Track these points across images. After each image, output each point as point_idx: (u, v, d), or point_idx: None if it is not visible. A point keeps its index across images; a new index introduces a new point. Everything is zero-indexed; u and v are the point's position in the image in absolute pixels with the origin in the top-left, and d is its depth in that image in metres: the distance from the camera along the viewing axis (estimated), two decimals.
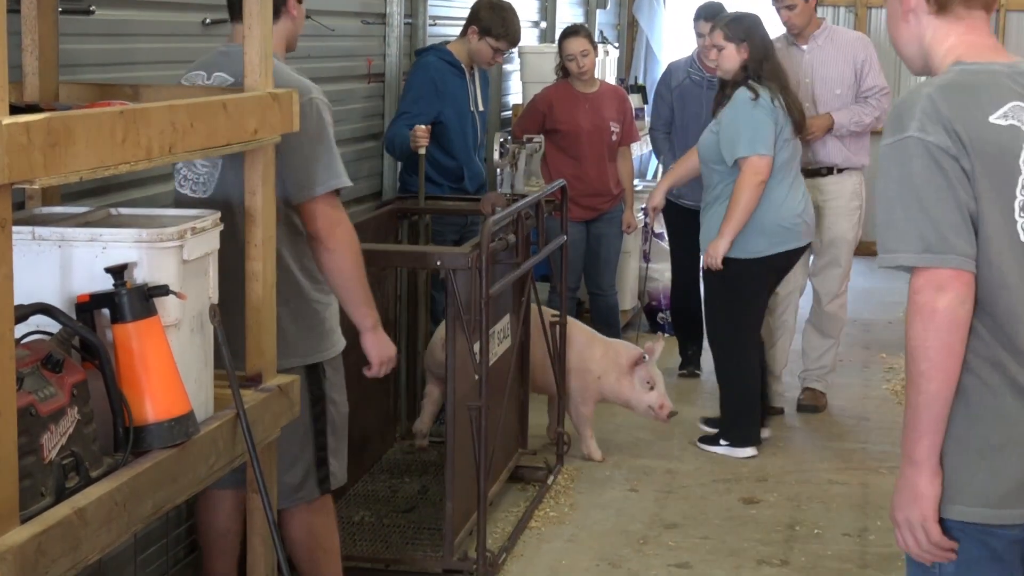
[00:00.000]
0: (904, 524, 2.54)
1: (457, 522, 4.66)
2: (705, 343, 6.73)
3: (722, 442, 6.12)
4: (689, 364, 7.42)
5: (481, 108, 6.27)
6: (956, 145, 2.47)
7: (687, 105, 7.10)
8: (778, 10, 6.64)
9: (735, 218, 5.82)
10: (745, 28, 5.94)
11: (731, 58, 5.90)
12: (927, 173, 2.47)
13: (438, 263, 4.61)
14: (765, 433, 6.22)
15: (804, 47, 6.63)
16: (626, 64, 10.89)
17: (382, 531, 4.95)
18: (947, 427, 2.51)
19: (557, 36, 7.41)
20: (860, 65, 6.59)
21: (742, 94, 5.87)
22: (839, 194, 6.63)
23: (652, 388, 5.86)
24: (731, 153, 5.82)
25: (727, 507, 5.48)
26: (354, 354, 3.91)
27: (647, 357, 5.85)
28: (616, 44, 9.68)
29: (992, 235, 2.49)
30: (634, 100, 8.03)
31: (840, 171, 6.63)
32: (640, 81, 10.21)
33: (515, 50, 8.00)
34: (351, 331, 3.86)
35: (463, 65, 6.11)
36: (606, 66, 8.36)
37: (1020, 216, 2.51)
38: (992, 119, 2.51)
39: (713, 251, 5.89)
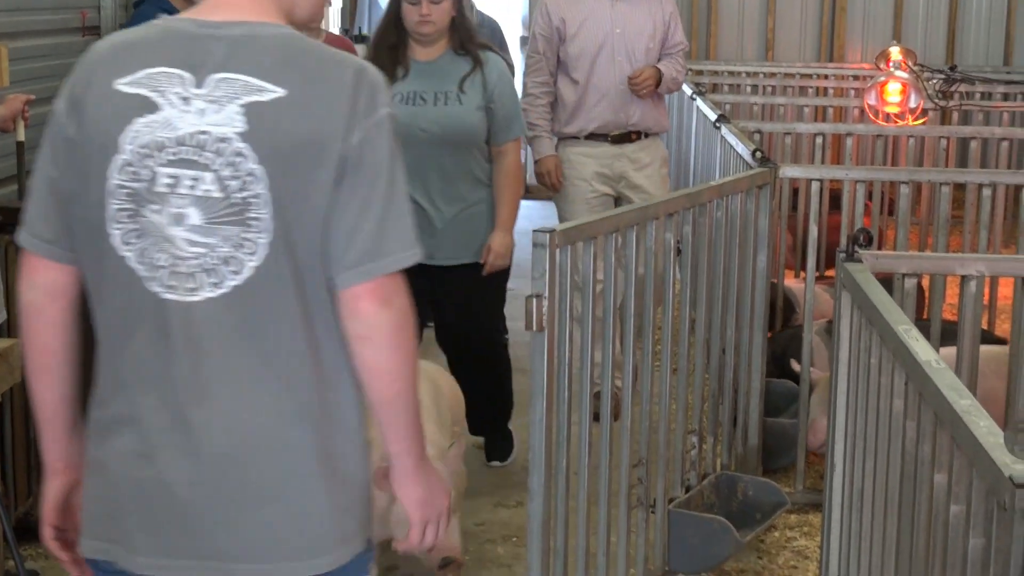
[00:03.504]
0: None
1: None
2: None
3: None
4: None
5: None
6: (69, 110, 2.20)
7: None
8: None
9: (517, 207, 4.99)
10: None
11: (446, 13, 4.81)
12: (44, 141, 2.24)
13: None
14: None
15: None
16: (350, 14, 10.81)
17: None
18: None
19: None
20: (668, 17, 5.95)
21: (500, 62, 4.95)
22: (650, 161, 5.96)
23: None
24: (508, 133, 4.90)
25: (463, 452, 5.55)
26: None
27: None
28: None
29: (82, 218, 2.21)
30: (360, 51, 7.98)
31: (648, 135, 5.98)
32: (364, 31, 10.16)
33: None
34: None
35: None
36: (330, 16, 8.30)
37: (113, 202, 2.18)
38: (118, 83, 2.19)
39: (505, 249, 4.92)
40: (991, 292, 6.46)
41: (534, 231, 3.50)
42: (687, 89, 7.94)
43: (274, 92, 2.16)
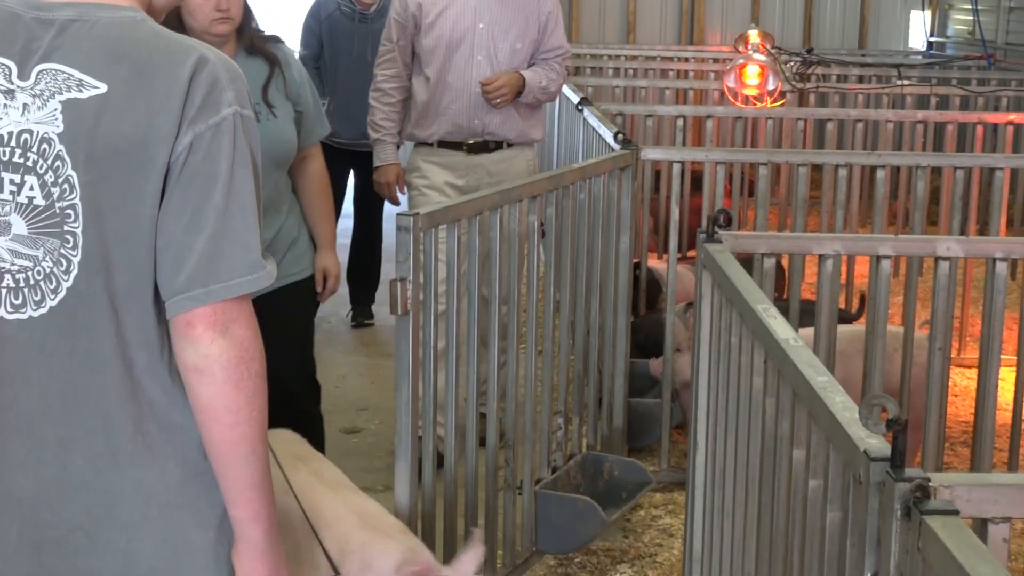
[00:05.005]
0: None
1: None
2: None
3: None
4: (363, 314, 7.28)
5: None
6: None
7: (335, 38, 6.92)
8: None
9: (335, 219, 4.35)
10: None
11: (241, 5, 3.86)
12: None
13: None
14: None
15: None
16: None
17: None
18: None
19: None
20: (545, 18, 5.25)
21: (293, 54, 4.10)
22: (513, 175, 5.18)
23: None
24: (313, 135, 4.10)
25: (330, 438, 5.52)
26: None
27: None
28: None
29: None
30: None
31: (511, 146, 5.29)
32: None
33: None
34: None
35: None
36: None
37: None
38: None
39: (339, 270, 4.24)
40: (848, 271, 6.60)
41: (398, 215, 3.48)
42: None
43: (95, 88, 1.91)
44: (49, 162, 1.91)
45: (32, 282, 1.93)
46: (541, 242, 4.41)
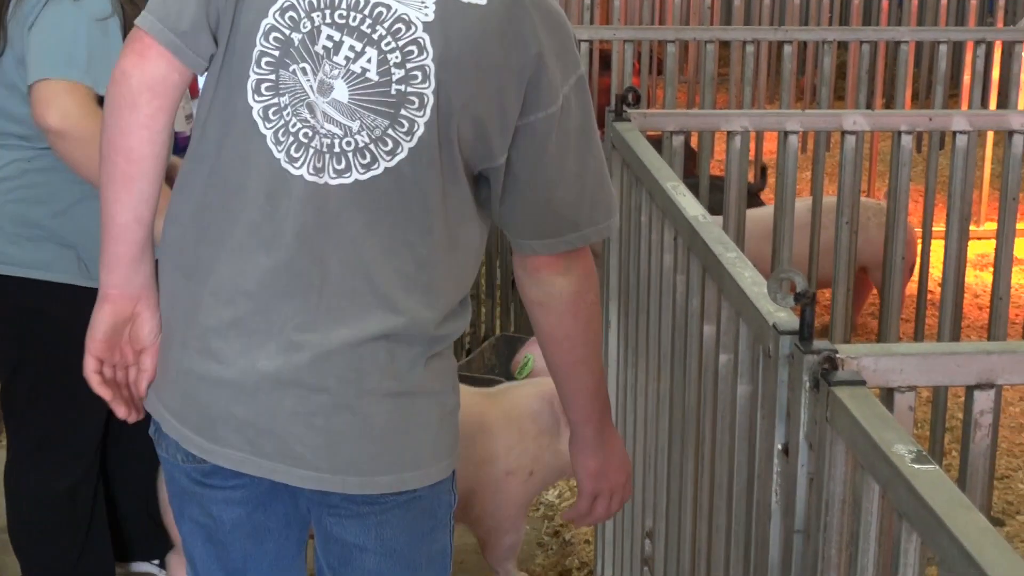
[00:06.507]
0: None
1: None
2: None
3: None
4: None
5: None
6: None
7: None
8: None
9: None
10: None
11: None
12: None
13: None
14: None
15: None
16: None
17: None
18: None
19: None
20: None
21: None
22: None
23: None
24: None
25: None
26: None
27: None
28: None
29: (226, 77, 1.96)
30: None
31: None
32: None
33: None
34: None
35: None
36: None
37: (261, 44, 1.91)
38: None
39: None
40: (756, 147, 6.64)
41: None
42: None
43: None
44: (399, 43, 1.88)
45: (337, 150, 1.91)
46: None
